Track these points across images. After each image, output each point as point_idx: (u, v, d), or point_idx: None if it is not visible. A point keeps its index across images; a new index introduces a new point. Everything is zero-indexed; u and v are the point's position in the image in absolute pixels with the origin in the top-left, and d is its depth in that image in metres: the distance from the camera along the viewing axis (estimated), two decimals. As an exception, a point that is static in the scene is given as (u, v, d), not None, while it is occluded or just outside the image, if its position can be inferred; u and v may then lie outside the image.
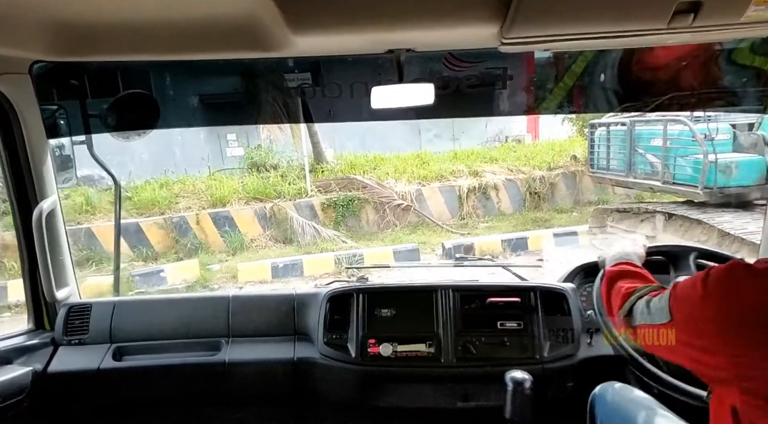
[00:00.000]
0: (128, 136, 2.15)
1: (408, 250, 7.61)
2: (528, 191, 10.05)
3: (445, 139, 13.94)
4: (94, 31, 1.42)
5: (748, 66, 1.90)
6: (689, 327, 1.01)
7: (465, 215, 9.74)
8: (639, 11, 1.19)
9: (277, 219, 8.80)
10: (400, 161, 10.57)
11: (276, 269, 7.14)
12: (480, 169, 10.38)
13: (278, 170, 10.33)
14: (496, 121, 14.80)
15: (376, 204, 9.25)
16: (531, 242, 7.89)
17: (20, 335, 1.98)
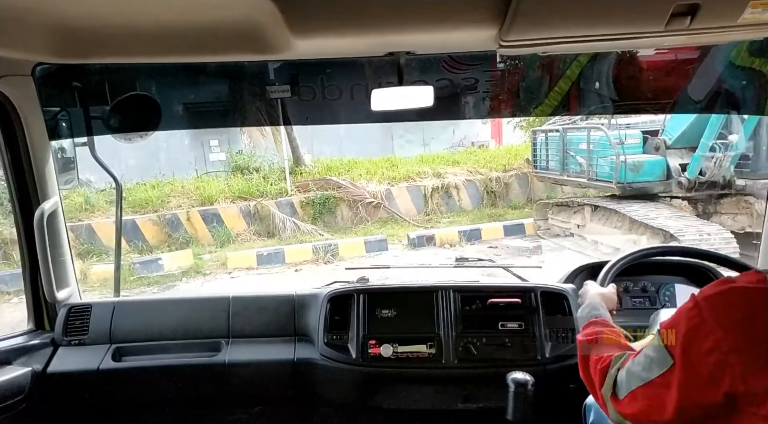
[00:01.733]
0: (130, 137, 2.20)
1: (377, 240, 8.69)
2: (485, 190, 11.24)
3: (416, 144, 15.08)
4: (96, 33, 1.43)
5: (747, 68, 1.90)
6: (693, 362, 0.91)
7: (429, 212, 10.84)
8: (636, 14, 1.19)
9: (261, 215, 9.76)
10: (371, 164, 11.67)
11: (261, 257, 8.09)
12: (443, 171, 11.53)
13: (260, 173, 11.32)
14: (464, 128, 15.94)
15: (350, 202, 10.28)
16: (484, 232, 9.07)
17: (20, 335, 1.97)
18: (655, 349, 0.99)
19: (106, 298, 2.14)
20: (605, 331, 1.22)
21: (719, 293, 0.92)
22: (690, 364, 0.91)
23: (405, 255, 8.42)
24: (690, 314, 0.93)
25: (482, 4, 1.22)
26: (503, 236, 9.07)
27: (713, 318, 0.89)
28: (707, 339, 0.89)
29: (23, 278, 1.96)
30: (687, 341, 0.92)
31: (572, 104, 2.25)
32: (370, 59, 1.92)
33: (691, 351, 0.91)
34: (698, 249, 1.88)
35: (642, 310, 1.97)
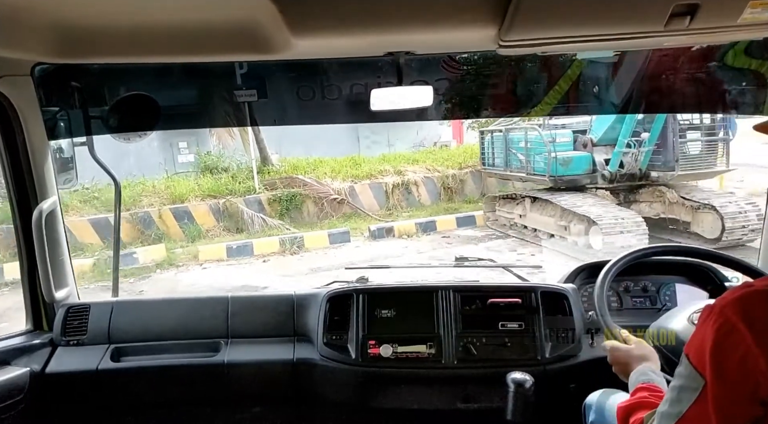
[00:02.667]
0: (129, 137, 2.22)
1: (340, 232, 9.41)
2: (443, 186, 12.04)
3: (381, 145, 15.75)
4: (95, 33, 1.42)
5: (745, 69, 1.91)
6: (728, 376, 0.83)
7: (391, 207, 11.59)
8: (636, 14, 1.19)
9: (230, 212, 10.31)
10: (336, 163, 12.33)
11: (230, 250, 8.70)
12: (403, 169, 12.31)
13: (229, 172, 11.87)
14: (427, 129, 16.70)
15: (315, 198, 10.92)
16: (439, 224, 9.89)
17: (18, 335, 1.96)
18: (681, 375, 0.91)
19: (104, 298, 2.12)
20: (648, 395, 1.16)
21: (744, 297, 0.85)
22: (723, 376, 0.83)
23: (366, 246, 9.14)
24: (716, 323, 0.85)
25: (482, 4, 1.22)
26: (456, 227, 9.89)
27: (742, 323, 0.82)
28: (739, 346, 0.82)
29: (21, 277, 1.96)
30: (717, 351, 0.84)
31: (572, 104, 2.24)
32: (344, 60, 1.94)
33: (723, 362, 0.83)
34: (699, 249, 1.83)
35: (642, 310, 1.97)
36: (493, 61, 2.14)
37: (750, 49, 1.87)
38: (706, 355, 0.84)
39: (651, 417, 1.00)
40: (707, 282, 1.96)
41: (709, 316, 0.87)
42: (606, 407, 1.45)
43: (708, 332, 0.85)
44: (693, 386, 0.87)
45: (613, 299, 1.99)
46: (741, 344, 0.81)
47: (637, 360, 1.33)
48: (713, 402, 0.83)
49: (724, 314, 0.84)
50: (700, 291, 1.96)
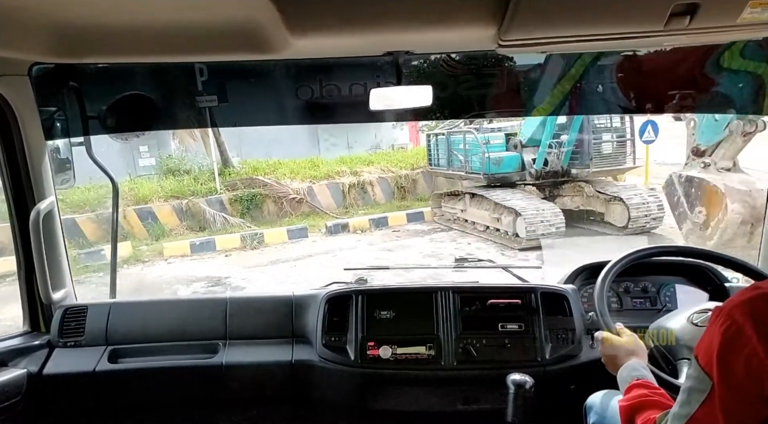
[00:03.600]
0: (127, 137, 2.33)
1: (298, 228, 10.14)
2: (396, 186, 12.88)
3: (341, 147, 16.51)
4: (93, 33, 1.42)
5: (743, 70, 1.92)
6: (734, 377, 0.83)
7: (347, 205, 12.30)
8: (635, 13, 1.19)
9: (192, 212, 10.86)
10: (295, 165, 12.99)
11: (194, 246, 9.28)
12: (359, 170, 13.06)
13: (191, 174, 12.40)
14: (385, 131, 17.51)
15: (275, 198, 11.55)
16: (390, 220, 10.77)
17: (16, 336, 1.95)
18: (690, 376, 0.92)
19: (102, 299, 2.12)
20: (649, 393, 1.17)
21: (752, 299, 0.85)
22: (729, 378, 0.84)
23: (322, 241, 9.87)
24: (723, 325, 0.85)
25: (481, 4, 1.22)
26: (406, 222, 10.76)
27: (749, 325, 0.82)
28: (745, 348, 0.82)
29: (18, 278, 1.95)
30: (724, 353, 0.84)
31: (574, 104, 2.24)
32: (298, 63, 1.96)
33: (729, 364, 0.84)
34: (699, 249, 1.83)
35: (642, 310, 1.98)
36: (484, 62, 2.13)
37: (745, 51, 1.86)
38: (714, 357, 0.85)
39: (664, 418, 1.00)
40: (707, 283, 1.96)
41: (717, 318, 0.87)
42: (607, 408, 1.43)
43: (716, 334, 0.86)
44: (701, 388, 0.87)
45: (614, 299, 2.00)
46: (747, 346, 0.81)
47: (625, 354, 1.36)
48: (720, 404, 0.84)
49: (732, 316, 0.85)
50: (701, 292, 1.97)
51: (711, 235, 5.39)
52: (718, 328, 0.86)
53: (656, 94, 2.22)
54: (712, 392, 0.86)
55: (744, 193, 5.28)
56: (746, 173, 5.67)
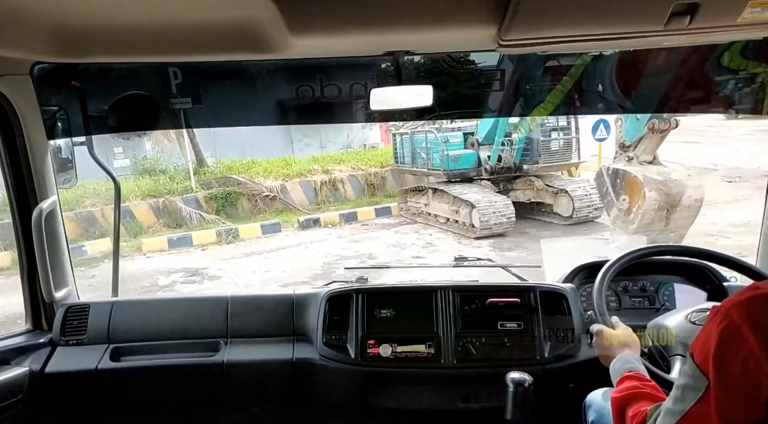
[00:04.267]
0: (128, 137, 2.46)
1: (271, 224, 10.66)
2: (366, 183, 13.45)
3: (314, 147, 17.00)
4: (94, 33, 1.43)
5: (743, 70, 1.92)
6: (731, 376, 0.83)
7: (320, 202, 12.84)
8: (636, 13, 1.20)
9: (169, 210, 11.27)
10: (269, 164, 13.47)
11: (171, 241, 9.73)
12: (331, 168, 13.62)
13: (167, 174, 12.81)
14: (356, 132, 18.08)
15: (249, 196, 12.00)
16: (359, 214, 11.38)
17: (18, 335, 1.97)
18: (685, 374, 0.91)
19: (104, 298, 2.13)
20: (640, 385, 1.17)
21: (750, 299, 0.85)
22: (726, 378, 0.84)
23: (295, 235, 10.43)
24: (721, 325, 0.85)
25: (481, 4, 1.23)
26: (375, 217, 11.38)
27: (747, 325, 0.82)
28: (742, 348, 0.82)
29: (21, 277, 1.96)
30: (721, 352, 0.84)
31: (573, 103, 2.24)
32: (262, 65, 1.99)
33: (726, 364, 0.84)
34: (698, 249, 1.84)
35: (641, 310, 1.99)
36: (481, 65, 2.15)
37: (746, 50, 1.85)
38: (710, 356, 0.85)
39: (656, 411, 1.00)
40: (706, 282, 1.98)
41: (715, 317, 0.87)
42: (606, 406, 1.43)
43: (713, 332, 0.86)
44: (696, 386, 0.87)
45: (612, 298, 2.01)
46: (744, 347, 0.81)
47: (619, 347, 1.37)
48: (715, 404, 0.84)
49: (729, 315, 0.84)
50: (699, 291, 1.99)
51: (633, 220, 6.11)
52: (715, 327, 0.86)
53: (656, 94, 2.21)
54: (708, 392, 0.85)
55: (660, 183, 6.02)
56: (664, 166, 6.45)
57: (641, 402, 1.11)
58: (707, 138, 15.13)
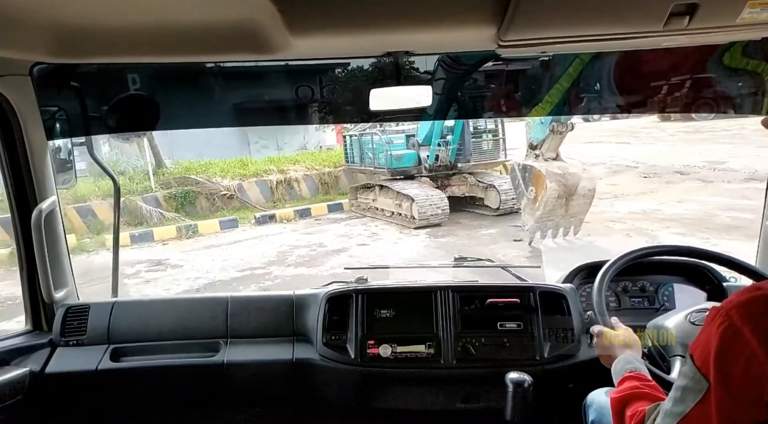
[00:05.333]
0: (128, 137, 2.30)
1: (229, 220, 11.38)
2: (320, 182, 14.29)
3: (270, 149, 17.79)
4: (94, 33, 1.43)
5: (742, 70, 1.91)
6: (732, 377, 0.83)
7: (275, 200, 13.54)
8: (635, 13, 1.20)
9: (129, 209, 11.81)
10: (225, 164, 14.17)
11: (134, 237, 10.34)
12: (286, 168, 14.42)
13: (126, 175, 13.33)
14: (312, 134, 18.93)
15: (207, 195, 12.69)
16: (313, 210, 12.24)
17: (18, 335, 1.97)
18: (685, 375, 0.91)
19: (104, 298, 2.13)
20: (640, 385, 1.18)
21: (750, 300, 0.85)
22: (727, 381, 0.83)
23: (251, 230, 11.20)
24: (721, 327, 0.85)
25: (481, 4, 1.23)
26: (327, 212, 12.27)
27: (747, 327, 0.82)
28: (743, 350, 0.82)
29: (21, 278, 1.96)
30: (722, 355, 0.84)
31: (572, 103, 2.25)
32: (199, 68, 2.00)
33: (727, 366, 0.83)
34: (698, 249, 1.83)
35: (641, 310, 2.00)
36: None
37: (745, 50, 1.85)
38: (711, 358, 0.85)
39: (654, 411, 1.01)
40: (705, 282, 1.98)
41: (715, 318, 0.87)
42: (606, 406, 1.41)
43: (713, 334, 0.85)
44: (697, 388, 0.87)
45: (612, 299, 2.02)
46: (746, 349, 0.81)
47: (620, 347, 1.38)
48: (716, 406, 0.84)
49: (730, 317, 0.84)
50: (699, 291, 1.99)
51: (538, 207, 7.26)
52: (715, 329, 0.86)
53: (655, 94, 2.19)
54: (708, 393, 0.85)
55: (560, 176, 7.22)
56: (565, 162, 7.67)
57: (640, 402, 1.12)
58: (639, 139, 16.71)
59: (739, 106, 2.11)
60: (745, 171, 10.81)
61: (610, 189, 10.84)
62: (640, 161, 13.23)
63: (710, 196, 9.47)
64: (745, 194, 9.25)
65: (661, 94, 2.17)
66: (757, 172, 10.47)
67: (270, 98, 2.32)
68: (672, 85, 2.11)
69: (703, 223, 8.00)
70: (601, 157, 14.64)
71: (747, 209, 8.26)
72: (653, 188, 10.76)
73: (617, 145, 16.19)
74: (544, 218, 7.27)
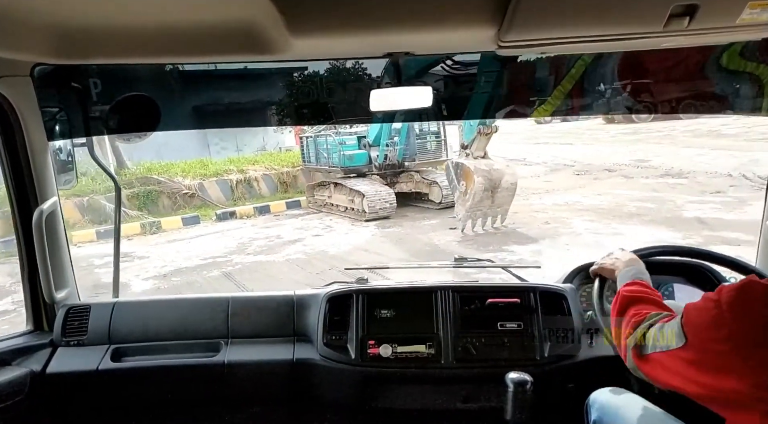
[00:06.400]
0: (129, 138, 2.30)
1: (191, 216, 12.10)
2: (279, 181, 15.01)
3: (230, 150, 18.38)
4: (95, 34, 1.43)
5: (741, 71, 1.93)
6: (705, 348, 0.98)
7: (236, 198, 14.16)
8: (635, 14, 1.21)
9: (94, 208, 12.31)
10: (186, 165, 14.80)
11: (99, 233, 10.89)
12: (246, 168, 15.08)
13: (87, 175, 13.73)
14: (271, 135, 19.58)
15: (169, 194, 13.28)
16: (272, 207, 12.98)
17: (19, 336, 1.98)
18: (677, 324, 1.05)
19: (104, 299, 2.14)
20: (649, 291, 1.27)
21: (740, 289, 0.96)
22: (701, 347, 0.98)
23: (213, 225, 11.90)
24: (709, 304, 0.98)
25: (481, 5, 1.24)
26: (286, 209, 13.06)
27: (730, 313, 0.94)
28: (721, 330, 0.94)
29: (22, 278, 1.97)
30: (700, 325, 0.99)
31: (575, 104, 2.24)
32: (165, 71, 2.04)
33: (702, 336, 0.98)
34: (698, 249, 1.84)
35: None
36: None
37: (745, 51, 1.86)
38: (693, 323, 1.01)
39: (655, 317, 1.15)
40: (705, 282, 1.99)
41: (712, 295, 1.00)
42: (608, 406, 1.46)
43: (702, 307, 1.01)
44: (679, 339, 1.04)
45: (612, 298, 1.96)
46: (723, 329, 0.94)
47: (624, 264, 1.46)
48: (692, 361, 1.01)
49: (720, 299, 0.98)
50: (699, 291, 1.98)
51: (468, 198, 8.34)
52: (706, 303, 1.01)
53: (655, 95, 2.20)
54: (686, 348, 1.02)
55: (486, 171, 8.33)
56: (491, 159, 8.80)
57: (646, 305, 1.20)
58: (581, 140, 17.93)
59: (744, 105, 2.12)
60: (662, 168, 12.11)
61: (544, 185, 12.02)
62: (577, 160, 14.38)
63: (627, 190, 10.60)
64: (655, 188, 10.57)
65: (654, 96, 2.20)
66: (672, 168, 11.93)
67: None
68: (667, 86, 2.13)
69: (612, 212, 9.19)
70: (544, 156, 15.95)
71: (652, 200, 9.62)
72: (582, 184, 11.90)
73: (561, 146, 17.40)
74: (473, 209, 8.34)
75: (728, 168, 11.00)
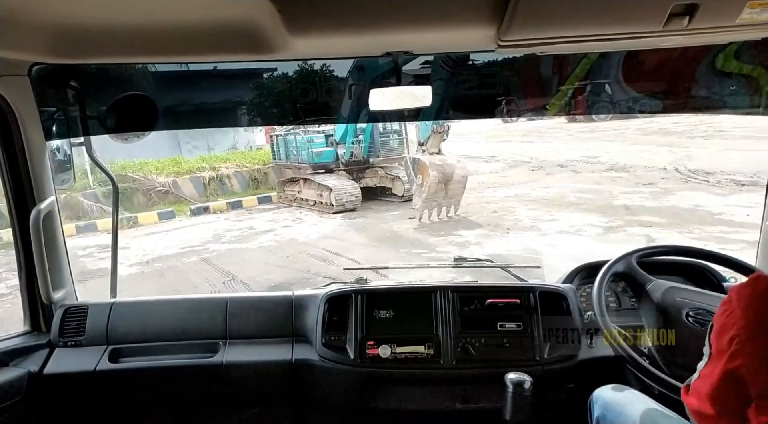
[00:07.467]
0: (127, 138, 2.25)
1: (167, 211, 12.58)
2: (250, 178, 15.55)
3: (201, 149, 18.75)
4: (93, 33, 1.43)
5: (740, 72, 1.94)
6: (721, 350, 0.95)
7: (209, 195, 14.68)
8: (634, 14, 1.21)
9: (70, 205, 12.67)
10: (160, 163, 15.22)
11: (79, 228, 11.37)
12: (218, 166, 15.63)
13: (62, 173, 14.13)
14: (242, 134, 20.07)
15: (143, 191, 13.73)
16: (244, 202, 13.52)
17: (16, 336, 1.97)
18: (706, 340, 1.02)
19: (102, 299, 2.12)
20: None
21: (749, 283, 0.96)
22: (718, 354, 0.95)
23: (187, 220, 12.46)
24: (724, 306, 0.97)
25: (480, 4, 1.24)
26: (258, 204, 13.64)
27: (740, 308, 0.93)
28: (731, 329, 0.92)
29: (19, 278, 1.97)
30: (718, 331, 0.96)
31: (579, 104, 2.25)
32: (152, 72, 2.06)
33: (720, 341, 0.95)
34: (697, 249, 1.83)
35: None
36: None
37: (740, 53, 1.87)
38: (714, 332, 0.98)
39: None
40: (705, 282, 1.99)
41: (724, 300, 0.99)
42: (611, 403, 1.46)
43: (719, 311, 0.99)
44: (706, 355, 1.02)
45: (612, 299, 2.03)
46: (733, 327, 0.92)
47: None
48: (710, 373, 0.97)
49: (731, 297, 0.96)
50: (698, 291, 1.93)
51: (424, 190, 9.17)
52: (721, 306, 0.98)
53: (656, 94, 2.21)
54: (709, 362, 0.99)
55: (439, 166, 9.18)
56: (444, 155, 9.70)
57: None
58: (542, 138, 18.59)
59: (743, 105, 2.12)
60: (609, 163, 12.83)
61: (500, 180, 12.73)
62: (534, 157, 15.09)
63: (573, 183, 11.35)
64: (598, 181, 11.30)
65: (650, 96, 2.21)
66: (618, 164, 12.60)
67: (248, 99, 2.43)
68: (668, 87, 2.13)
69: (555, 202, 10.00)
70: (504, 154, 16.88)
71: (591, 192, 10.59)
72: (534, 178, 12.56)
73: (522, 144, 18.15)
74: (429, 200, 9.21)
75: (665, 163, 11.78)
